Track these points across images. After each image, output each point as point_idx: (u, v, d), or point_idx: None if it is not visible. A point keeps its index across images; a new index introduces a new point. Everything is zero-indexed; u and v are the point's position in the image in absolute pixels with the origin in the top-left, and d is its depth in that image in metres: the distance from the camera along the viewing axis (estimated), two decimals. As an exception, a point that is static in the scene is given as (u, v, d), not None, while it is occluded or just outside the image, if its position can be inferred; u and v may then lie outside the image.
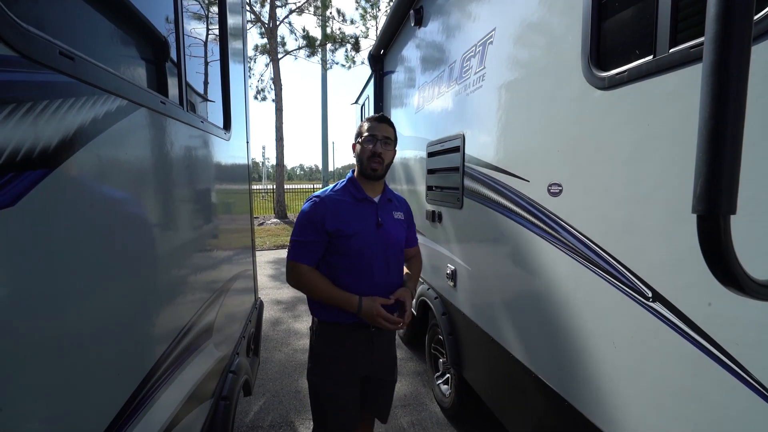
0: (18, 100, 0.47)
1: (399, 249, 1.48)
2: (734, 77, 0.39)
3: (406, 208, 1.58)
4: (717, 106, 0.40)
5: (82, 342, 0.64)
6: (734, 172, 0.40)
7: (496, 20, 1.70)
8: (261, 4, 12.10)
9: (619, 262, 1.04)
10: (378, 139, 1.38)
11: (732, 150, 0.40)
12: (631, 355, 1.03)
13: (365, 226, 1.38)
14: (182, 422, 1.07)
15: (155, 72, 1.01)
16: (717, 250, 0.42)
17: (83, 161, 0.61)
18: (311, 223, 1.34)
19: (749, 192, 0.73)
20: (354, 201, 1.40)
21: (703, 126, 0.41)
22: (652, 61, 0.94)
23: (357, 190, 1.42)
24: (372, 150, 1.38)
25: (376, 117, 1.44)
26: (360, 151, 1.41)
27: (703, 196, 0.41)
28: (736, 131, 0.40)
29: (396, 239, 1.45)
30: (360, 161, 1.42)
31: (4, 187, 0.44)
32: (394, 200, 1.53)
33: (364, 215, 1.40)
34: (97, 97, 0.64)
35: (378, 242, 1.39)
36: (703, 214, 0.42)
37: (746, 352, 0.74)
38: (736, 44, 0.39)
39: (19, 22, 0.47)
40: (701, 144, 0.41)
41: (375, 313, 1.32)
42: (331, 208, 1.35)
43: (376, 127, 1.40)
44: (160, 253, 0.99)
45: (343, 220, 1.35)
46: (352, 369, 1.43)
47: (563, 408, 1.27)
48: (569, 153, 1.24)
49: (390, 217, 1.47)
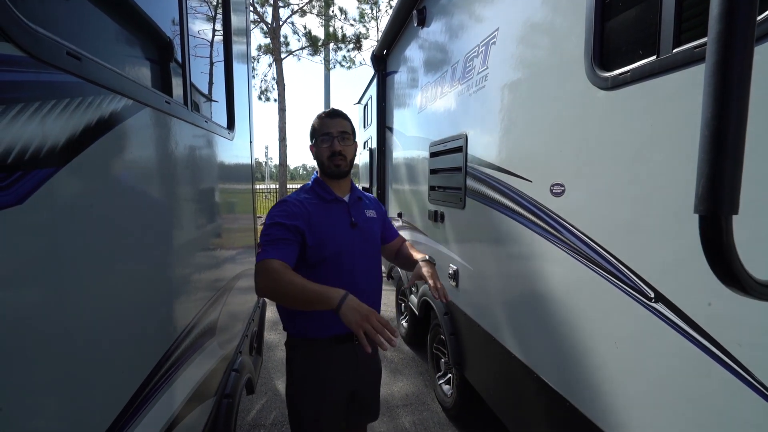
0: (26, 100, 0.48)
1: (376, 248, 1.42)
2: (737, 77, 0.39)
3: (377, 206, 1.51)
4: (719, 106, 0.40)
5: (86, 339, 0.65)
6: (736, 172, 0.40)
7: (498, 20, 1.70)
8: (262, 5, 12.14)
9: (621, 262, 1.04)
10: (334, 136, 1.28)
11: (734, 150, 0.40)
12: (633, 356, 1.02)
13: (339, 228, 1.29)
14: (185, 419, 1.08)
15: (160, 72, 1.02)
16: (719, 250, 0.42)
17: (89, 160, 0.62)
18: (281, 225, 1.19)
19: (752, 193, 0.73)
20: (323, 203, 1.31)
21: (706, 126, 0.41)
22: (655, 62, 0.93)
23: (325, 191, 1.33)
24: (330, 149, 1.28)
25: (328, 112, 1.33)
26: (319, 152, 1.31)
27: (705, 196, 0.41)
28: (738, 131, 0.40)
29: (372, 238, 1.39)
30: (320, 162, 1.32)
31: (12, 185, 0.45)
32: (364, 198, 1.46)
33: (337, 216, 1.31)
34: (103, 97, 0.65)
35: (355, 243, 1.30)
36: (705, 215, 0.42)
37: (749, 354, 0.74)
38: (739, 44, 0.39)
39: (28, 22, 0.48)
40: (703, 144, 0.41)
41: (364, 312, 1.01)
42: (301, 211, 1.23)
43: (329, 124, 1.29)
44: (164, 252, 1.00)
45: (315, 224, 1.24)
46: (336, 388, 1.31)
47: (565, 408, 1.27)
48: (572, 153, 1.24)
49: (363, 215, 1.39)
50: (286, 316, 1.32)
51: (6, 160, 0.45)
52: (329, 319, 1.17)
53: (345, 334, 1.27)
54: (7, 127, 0.45)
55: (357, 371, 1.33)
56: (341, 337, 1.28)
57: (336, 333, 1.27)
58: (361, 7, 13.95)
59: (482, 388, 1.98)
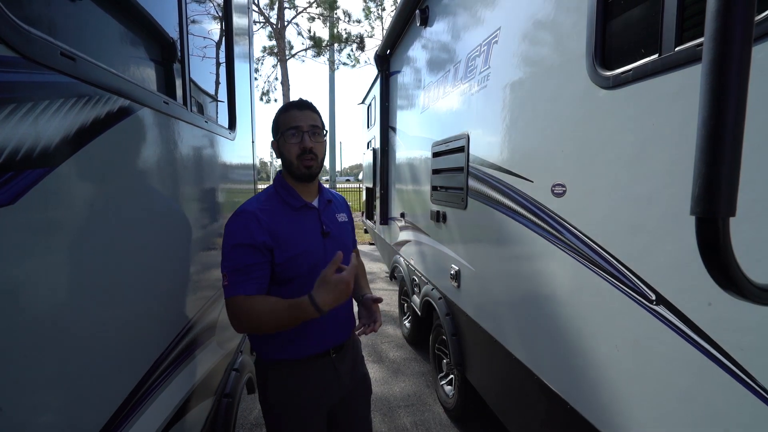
0: (18, 100, 0.48)
1: (348, 256, 1.21)
2: (734, 76, 0.38)
3: (346, 207, 1.34)
4: (716, 105, 0.39)
5: (83, 338, 0.65)
6: (734, 173, 0.39)
7: (500, 20, 1.68)
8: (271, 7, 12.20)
9: (622, 263, 1.02)
10: (304, 130, 1.09)
11: (732, 151, 0.39)
12: (634, 358, 1.01)
13: (310, 240, 1.13)
14: (185, 417, 1.08)
15: (158, 72, 1.03)
16: (716, 253, 0.41)
17: (84, 160, 0.62)
18: (244, 245, 1.03)
19: (751, 194, 0.71)
20: (290, 210, 1.13)
21: (703, 126, 0.40)
22: (657, 60, 0.92)
23: (292, 196, 1.14)
24: (301, 146, 1.09)
25: (296, 103, 1.14)
26: (285, 150, 1.12)
27: (701, 197, 0.40)
28: (736, 131, 0.39)
29: (345, 246, 1.22)
30: (287, 162, 1.12)
31: (3, 185, 0.45)
32: (333, 200, 1.28)
33: (306, 226, 1.14)
34: (98, 98, 0.65)
35: (327, 254, 1.13)
36: (702, 216, 0.41)
37: (752, 358, 0.73)
38: (737, 42, 0.38)
39: (20, 23, 0.48)
40: (700, 144, 0.40)
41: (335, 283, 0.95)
42: (266, 222, 1.06)
43: (299, 117, 1.11)
44: (161, 252, 1.00)
45: (283, 238, 1.07)
46: (317, 403, 1.18)
47: (566, 411, 1.26)
48: (573, 153, 1.23)
49: (334, 221, 1.23)
50: (254, 339, 1.19)
51: (-2, 160, 0.45)
52: (302, 339, 1.12)
53: (320, 352, 1.16)
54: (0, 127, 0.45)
55: (339, 384, 1.21)
56: (317, 356, 1.16)
57: (310, 354, 1.15)
58: (366, 4, 13.97)
59: (483, 390, 1.96)
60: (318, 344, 1.16)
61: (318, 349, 1.16)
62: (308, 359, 1.15)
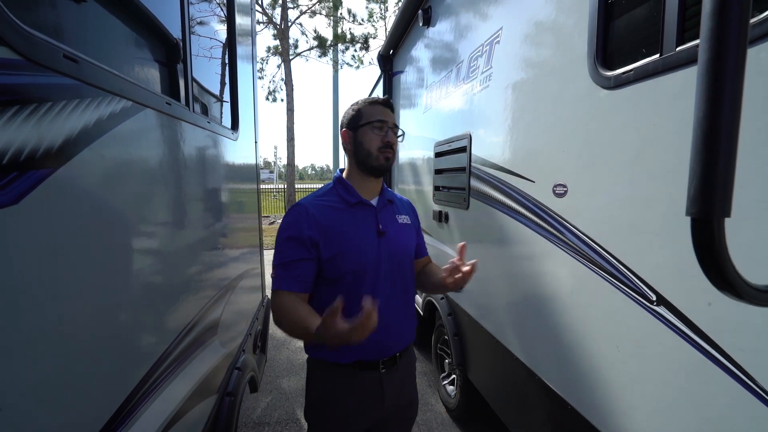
0: (22, 102, 0.49)
1: (408, 260, 1.19)
2: (730, 76, 0.38)
3: (411, 211, 1.31)
4: (712, 105, 0.39)
5: (87, 336, 0.66)
6: (729, 174, 0.39)
7: (502, 20, 1.68)
8: (273, 7, 12.25)
9: (623, 264, 1.02)
10: (389, 126, 1.12)
11: (727, 151, 0.39)
12: (634, 359, 1.01)
13: (364, 237, 1.10)
14: (187, 415, 1.09)
15: (160, 73, 1.04)
16: (711, 254, 0.41)
17: (87, 161, 0.63)
18: (292, 238, 1.05)
19: (747, 194, 0.71)
20: (346, 206, 1.12)
21: (698, 126, 0.40)
22: (658, 60, 0.91)
23: (349, 192, 1.13)
24: (384, 140, 1.10)
25: (382, 101, 1.14)
26: (365, 140, 1.10)
27: (697, 198, 0.40)
28: (731, 132, 0.39)
29: (403, 248, 1.17)
30: (365, 153, 1.11)
31: (7, 186, 0.46)
32: (395, 201, 1.25)
33: (361, 223, 1.11)
34: (101, 99, 0.66)
35: (381, 255, 1.10)
36: (697, 217, 0.41)
37: (752, 359, 0.72)
38: (732, 42, 0.38)
39: (23, 26, 0.49)
40: (696, 145, 0.40)
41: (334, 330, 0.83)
42: (317, 217, 1.06)
43: (385, 112, 1.13)
44: (163, 251, 1.01)
45: (332, 234, 1.06)
46: (357, 419, 1.14)
47: (566, 411, 1.25)
48: (574, 153, 1.23)
49: (393, 222, 1.18)
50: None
51: (1, 161, 0.46)
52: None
53: (369, 360, 1.11)
54: (3, 128, 0.46)
55: (383, 403, 1.14)
56: (365, 363, 1.11)
57: (359, 358, 1.11)
58: (369, 6, 13.98)
59: (485, 390, 1.96)
60: (368, 351, 1.09)
61: (367, 356, 1.10)
62: (355, 365, 1.10)
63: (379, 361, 1.12)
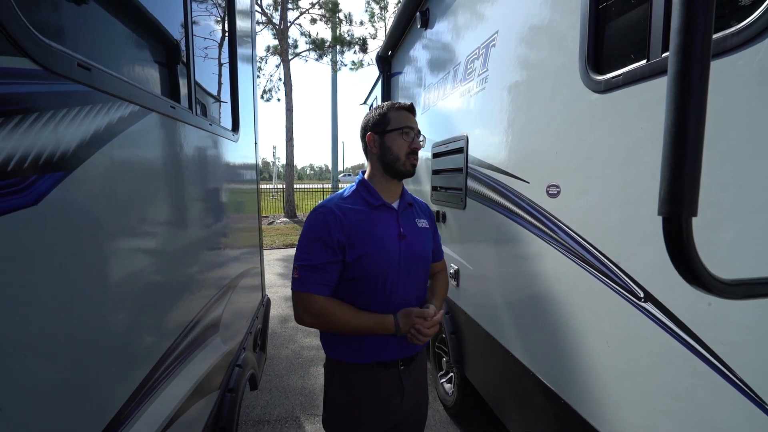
0: (40, 110, 0.52)
1: (425, 263, 1.21)
2: (695, 87, 0.42)
3: (429, 214, 1.31)
4: (679, 114, 0.42)
5: (95, 333, 0.69)
6: (695, 176, 0.42)
7: (498, 23, 1.72)
8: (275, 8, 12.28)
9: (612, 262, 1.06)
10: (416, 132, 1.16)
11: (693, 156, 0.42)
12: (623, 354, 1.04)
13: (385, 240, 1.11)
14: (189, 411, 1.12)
15: (165, 78, 1.07)
16: (681, 250, 0.44)
17: (98, 163, 0.66)
18: (320, 240, 1.06)
19: (713, 196, 0.75)
20: (369, 209, 1.13)
21: (667, 133, 0.44)
22: (645, 66, 0.95)
23: (372, 195, 1.15)
24: (411, 146, 1.13)
25: (407, 106, 1.17)
26: (394, 146, 1.13)
27: (666, 199, 0.44)
28: (697, 138, 0.42)
29: (422, 253, 1.19)
30: (393, 157, 1.13)
31: (28, 188, 0.49)
32: (415, 205, 1.26)
33: (383, 226, 1.13)
34: (111, 104, 0.69)
35: (401, 258, 1.12)
36: (668, 217, 0.44)
37: (731, 352, 0.76)
38: (697, 56, 0.41)
39: (42, 38, 0.52)
40: (665, 150, 0.44)
41: (412, 321, 1.06)
42: (342, 219, 1.08)
43: (411, 119, 1.16)
44: (168, 251, 1.04)
45: (357, 237, 1.08)
46: (378, 419, 1.15)
47: (560, 407, 1.29)
48: (567, 155, 1.26)
49: (413, 225, 1.20)
50: (326, 339, 1.19)
51: (23, 165, 0.49)
52: (372, 344, 1.11)
53: (389, 360, 1.14)
54: (24, 135, 0.49)
55: (402, 400, 1.16)
56: (385, 363, 1.14)
57: (379, 359, 1.13)
58: (370, 7, 14.02)
59: (481, 387, 2.00)
60: (388, 352, 1.13)
61: (388, 356, 1.13)
62: (375, 366, 1.13)
63: (398, 360, 1.15)
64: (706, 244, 0.79)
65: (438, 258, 1.35)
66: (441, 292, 1.31)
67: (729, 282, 0.46)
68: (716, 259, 0.78)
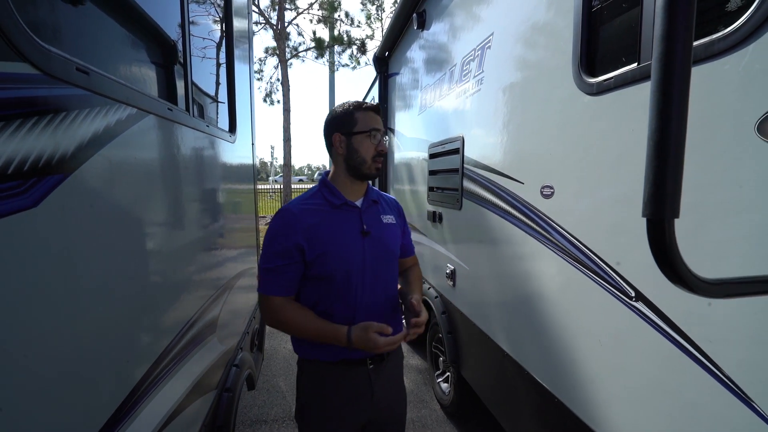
0: (40, 114, 0.53)
1: (392, 260, 1.22)
2: (677, 93, 0.43)
3: (397, 210, 1.30)
4: (661, 119, 0.44)
5: (93, 332, 0.70)
6: (677, 180, 0.44)
7: (493, 25, 1.73)
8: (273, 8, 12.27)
9: (605, 262, 1.07)
10: (382, 134, 1.14)
11: (675, 160, 0.44)
12: (615, 353, 1.06)
13: (348, 238, 1.12)
14: (187, 410, 1.13)
15: (162, 80, 1.08)
16: (664, 251, 0.46)
17: (97, 166, 0.67)
18: (278, 243, 1.08)
19: (696, 198, 0.76)
20: (330, 208, 1.13)
21: (650, 138, 0.45)
22: (636, 69, 0.97)
23: (334, 194, 1.15)
24: (378, 148, 1.12)
25: (373, 107, 1.15)
26: (361, 148, 1.12)
27: (650, 201, 0.45)
28: (678, 143, 0.44)
29: (387, 248, 1.19)
30: (359, 160, 1.12)
31: (28, 190, 0.50)
32: (381, 201, 1.25)
33: (345, 225, 1.13)
34: (108, 107, 0.70)
35: (366, 255, 1.13)
36: (651, 218, 0.46)
37: (718, 349, 0.78)
38: (678, 63, 0.43)
39: (42, 43, 0.53)
40: (648, 154, 0.45)
41: (371, 342, 1.01)
42: (302, 221, 1.08)
43: (378, 120, 1.14)
44: (165, 251, 1.05)
45: (316, 236, 1.08)
46: (347, 417, 1.15)
47: (553, 405, 1.31)
48: (560, 156, 1.28)
49: (378, 222, 1.19)
50: (293, 337, 1.20)
51: (23, 168, 0.50)
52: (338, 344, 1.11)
53: (357, 358, 1.14)
54: (24, 138, 0.50)
55: (372, 398, 1.16)
56: (352, 361, 1.14)
57: (345, 357, 1.13)
58: (366, 8, 14.03)
59: (477, 386, 2.01)
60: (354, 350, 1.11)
61: (354, 354, 1.12)
62: (341, 363, 1.13)
63: (366, 358, 1.15)
64: (698, 244, 0.81)
65: (408, 253, 1.36)
66: (418, 283, 1.32)
67: (711, 281, 0.48)
68: (707, 258, 0.79)
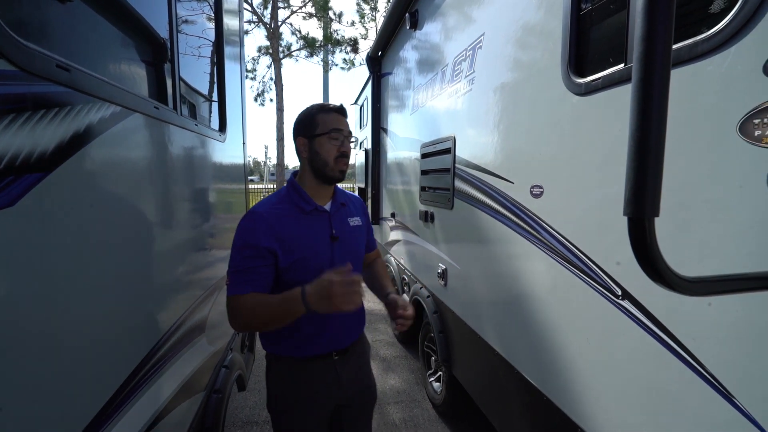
0: (18, 111, 0.52)
1: (358, 261, 1.25)
2: (657, 94, 0.44)
3: (362, 210, 1.33)
4: (642, 119, 0.44)
5: (76, 335, 0.69)
6: (657, 179, 0.44)
7: (484, 26, 1.74)
8: (265, 6, 12.20)
9: (593, 261, 1.08)
10: (345, 135, 1.13)
11: (655, 160, 0.44)
12: (602, 351, 1.07)
13: (318, 244, 1.13)
14: (174, 411, 1.12)
15: (149, 78, 1.06)
16: (645, 249, 0.46)
17: (78, 164, 0.66)
18: (249, 247, 1.05)
19: (680, 197, 0.78)
20: (300, 213, 1.12)
21: (631, 137, 0.45)
22: (623, 69, 0.98)
23: (303, 199, 1.14)
24: (340, 149, 1.12)
25: (337, 108, 1.15)
26: (322, 150, 1.11)
27: (631, 200, 0.45)
28: (658, 143, 0.44)
29: (354, 251, 1.22)
30: (321, 162, 1.12)
31: (5, 188, 0.49)
32: (348, 204, 1.26)
33: (315, 229, 1.13)
34: (91, 105, 0.69)
35: (335, 259, 1.14)
36: (632, 217, 0.46)
37: (701, 346, 0.79)
38: (658, 64, 0.43)
39: (19, 39, 0.52)
40: (629, 154, 0.46)
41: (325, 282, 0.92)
42: (274, 226, 1.07)
43: (342, 121, 1.14)
44: (150, 251, 1.04)
45: (289, 242, 1.07)
46: (316, 403, 1.18)
47: (542, 403, 1.32)
48: (549, 156, 1.29)
49: (346, 226, 1.21)
50: (261, 333, 1.21)
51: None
52: (304, 341, 1.14)
53: (321, 354, 1.17)
54: (1, 135, 0.49)
55: (340, 388, 1.20)
56: (317, 356, 1.17)
57: (311, 354, 1.16)
58: (361, 8, 14.02)
59: (468, 385, 2.02)
60: (320, 346, 1.16)
61: (319, 350, 1.16)
62: (311, 358, 1.16)
63: (332, 352, 1.18)
64: (683, 243, 0.82)
65: (371, 248, 1.40)
66: (386, 277, 1.37)
67: (690, 279, 0.49)
68: (692, 257, 0.81)
